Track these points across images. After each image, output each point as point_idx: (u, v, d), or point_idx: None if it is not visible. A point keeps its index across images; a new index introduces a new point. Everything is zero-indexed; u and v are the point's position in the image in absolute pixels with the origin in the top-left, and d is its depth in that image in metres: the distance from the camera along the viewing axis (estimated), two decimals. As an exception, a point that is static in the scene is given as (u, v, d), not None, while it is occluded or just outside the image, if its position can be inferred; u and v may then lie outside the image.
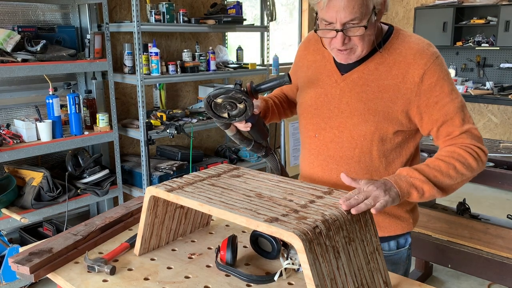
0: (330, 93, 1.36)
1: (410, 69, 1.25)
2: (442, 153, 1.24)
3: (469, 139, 1.24)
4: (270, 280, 1.13)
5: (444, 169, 1.19)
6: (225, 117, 1.30)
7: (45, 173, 2.67)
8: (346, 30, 1.19)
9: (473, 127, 1.25)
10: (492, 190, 4.62)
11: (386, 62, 1.29)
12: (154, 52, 3.20)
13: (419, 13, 5.21)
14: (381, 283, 1.06)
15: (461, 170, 1.20)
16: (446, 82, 1.25)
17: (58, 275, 1.19)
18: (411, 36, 1.31)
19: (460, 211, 2.59)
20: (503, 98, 4.58)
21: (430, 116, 1.26)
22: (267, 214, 0.99)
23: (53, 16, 3.09)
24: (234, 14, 3.72)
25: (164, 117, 3.28)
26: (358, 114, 1.30)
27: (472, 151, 1.22)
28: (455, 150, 1.22)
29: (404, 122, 1.29)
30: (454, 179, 1.20)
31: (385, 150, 1.31)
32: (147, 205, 1.21)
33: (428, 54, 1.25)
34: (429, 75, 1.24)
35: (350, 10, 1.15)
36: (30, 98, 3.00)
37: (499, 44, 4.71)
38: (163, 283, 1.13)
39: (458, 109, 1.24)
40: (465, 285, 2.99)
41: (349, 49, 1.24)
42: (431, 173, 1.18)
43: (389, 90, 1.27)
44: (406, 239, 1.46)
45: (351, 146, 1.32)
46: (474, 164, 1.21)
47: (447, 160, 1.20)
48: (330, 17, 1.18)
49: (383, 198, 1.09)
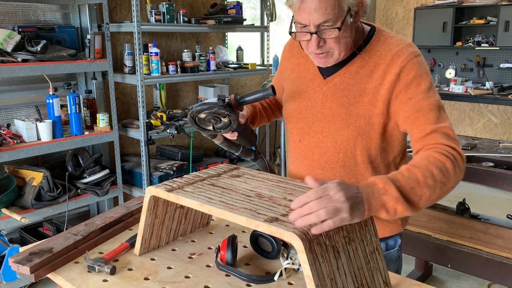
0: (313, 97, 1.35)
1: (388, 70, 1.23)
2: (417, 159, 1.11)
3: (443, 139, 1.14)
4: (270, 280, 1.13)
5: (421, 178, 1.04)
6: (210, 130, 1.31)
7: (45, 173, 2.67)
8: (320, 33, 1.17)
9: (447, 126, 1.17)
10: (492, 190, 4.62)
11: (367, 65, 1.26)
12: (154, 52, 3.20)
13: (419, 13, 5.21)
14: (381, 283, 1.06)
15: (439, 178, 1.06)
16: (424, 80, 1.20)
17: (58, 275, 1.19)
18: (392, 37, 1.28)
19: (460, 211, 2.59)
20: (503, 98, 4.58)
21: (404, 113, 1.21)
22: (267, 214, 0.99)
23: (53, 16, 3.09)
24: (234, 14, 3.73)
25: (164, 117, 3.28)
26: (340, 119, 1.28)
27: (448, 153, 1.10)
28: (431, 154, 1.10)
29: (387, 127, 1.26)
30: (432, 189, 1.05)
31: (369, 155, 1.29)
32: (147, 205, 1.21)
33: (406, 53, 1.22)
34: (405, 72, 1.20)
35: (322, 11, 1.13)
36: (30, 98, 3.01)
37: (499, 44, 4.71)
38: (163, 283, 1.14)
39: (433, 106, 1.18)
40: (465, 285, 2.99)
41: (325, 52, 1.22)
42: (408, 186, 1.02)
43: (369, 93, 1.25)
44: (396, 240, 1.44)
45: (335, 151, 1.31)
46: (450, 166, 1.07)
47: (423, 167, 1.06)
48: (304, 19, 1.17)
49: (345, 215, 0.92)
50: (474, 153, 2.61)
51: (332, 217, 0.91)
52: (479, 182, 2.43)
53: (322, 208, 0.90)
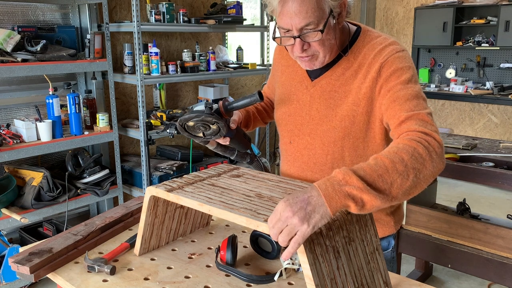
0: (302, 99, 1.36)
1: (370, 68, 1.22)
2: (387, 148, 1.04)
3: (417, 125, 1.07)
4: (270, 280, 1.13)
5: (389, 164, 0.96)
6: (200, 137, 1.32)
7: (45, 173, 2.67)
8: (303, 36, 1.17)
9: (423, 113, 1.10)
10: (492, 190, 4.62)
11: (352, 66, 1.26)
12: (154, 52, 3.20)
13: (419, 13, 5.21)
14: (381, 283, 1.06)
15: (410, 163, 0.98)
16: (405, 73, 1.17)
17: (58, 275, 1.19)
18: (377, 36, 1.26)
19: (460, 211, 2.59)
20: (503, 98, 4.58)
21: (383, 106, 1.19)
22: (267, 214, 0.99)
23: (53, 16, 3.09)
24: (234, 14, 3.73)
25: (164, 117, 3.28)
26: (327, 120, 1.29)
27: (420, 139, 1.03)
28: (400, 141, 1.04)
29: (372, 125, 1.25)
30: (404, 175, 0.96)
31: (357, 156, 1.29)
32: (147, 205, 1.21)
33: (387, 51, 1.20)
34: (386, 67, 1.19)
35: (303, 15, 1.13)
36: (30, 98, 3.00)
37: (499, 44, 4.71)
38: (163, 283, 1.13)
39: (411, 96, 1.13)
40: (465, 285, 2.99)
41: (310, 55, 1.22)
42: (374, 174, 0.94)
43: (353, 93, 1.25)
44: (389, 241, 1.43)
45: (323, 152, 1.32)
46: (425, 154, 1.00)
47: (392, 154, 0.99)
48: (286, 24, 1.17)
49: (300, 228, 0.89)
50: (474, 153, 2.61)
51: (292, 236, 0.89)
52: (479, 182, 2.43)
53: (280, 231, 0.90)
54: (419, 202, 2.51)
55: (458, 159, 2.56)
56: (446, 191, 4.55)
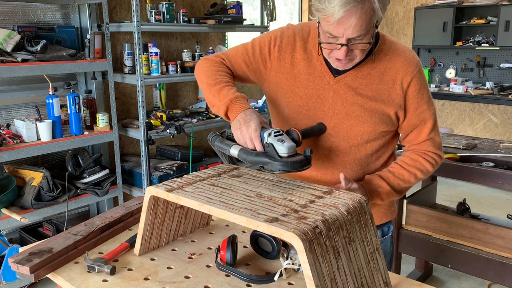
0: (323, 94, 1.38)
1: (398, 75, 1.35)
2: (406, 160, 1.42)
3: (431, 146, 1.42)
4: (270, 280, 1.13)
5: (407, 177, 1.40)
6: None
7: (45, 173, 2.67)
8: (351, 45, 1.23)
9: (437, 135, 1.43)
10: (492, 190, 4.62)
11: (377, 68, 1.35)
12: (154, 52, 3.20)
13: (419, 13, 5.21)
14: (381, 283, 1.06)
15: (419, 177, 1.42)
16: (426, 90, 1.38)
17: (58, 275, 1.18)
18: (396, 43, 1.39)
19: (460, 211, 2.59)
20: (503, 98, 4.58)
21: (409, 121, 1.39)
22: (267, 214, 0.99)
23: (53, 16, 3.09)
24: (234, 14, 3.73)
25: (164, 117, 3.28)
26: (355, 115, 1.36)
27: (431, 158, 1.42)
28: (418, 159, 1.41)
29: (395, 124, 1.40)
30: (413, 184, 1.44)
31: (377, 147, 1.42)
32: (147, 205, 1.21)
33: (414, 62, 1.36)
34: (414, 82, 1.35)
35: (358, 28, 1.18)
36: (30, 98, 3.00)
37: (499, 44, 4.71)
38: (163, 283, 1.13)
39: (432, 115, 1.40)
40: (465, 285, 2.99)
41: (348, 59, 1.28)
42: (396, 182, 1.39)
43: (382, 94, 1.35)
44: (389, 226, 1.58)
45: (347, 145, 1.39)
46: (431, 169, 1.43)
47: (410, 170, 1.40)
48: (338, 33, 1.20)
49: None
50: (474, 153, 2.61)
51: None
52: (479, 182, 2.43)
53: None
54: (419, 202, 2.52)
55: (458, 159, 2.56)
56: (446, 191, 4.56)
